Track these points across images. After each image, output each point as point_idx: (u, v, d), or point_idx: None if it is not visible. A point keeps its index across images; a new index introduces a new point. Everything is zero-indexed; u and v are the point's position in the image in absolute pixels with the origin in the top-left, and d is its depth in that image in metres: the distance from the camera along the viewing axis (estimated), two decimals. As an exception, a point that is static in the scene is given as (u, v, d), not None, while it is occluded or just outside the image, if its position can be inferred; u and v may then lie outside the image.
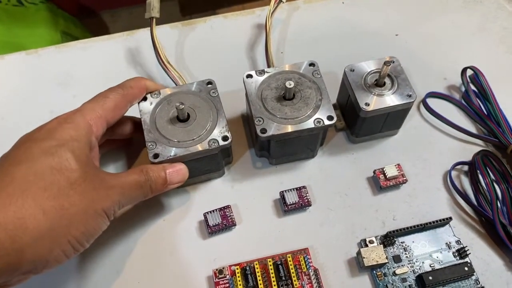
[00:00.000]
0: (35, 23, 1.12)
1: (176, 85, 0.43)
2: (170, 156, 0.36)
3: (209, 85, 0.40)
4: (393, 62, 0.41)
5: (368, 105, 0.39)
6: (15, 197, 0.27)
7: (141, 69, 0.50)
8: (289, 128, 0.37)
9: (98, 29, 1.36)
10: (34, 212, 0.27)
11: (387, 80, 0.40)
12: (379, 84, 0.40)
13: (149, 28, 0.47)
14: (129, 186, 0.33)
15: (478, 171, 0.41)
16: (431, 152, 0.44)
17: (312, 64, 0.41)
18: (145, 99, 0.40)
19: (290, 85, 0.37)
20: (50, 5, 1.19)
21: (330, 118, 0.38)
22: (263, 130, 0.37)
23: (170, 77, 0.44)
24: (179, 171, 0.37)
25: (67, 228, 0.29)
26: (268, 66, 0.44)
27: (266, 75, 0.40)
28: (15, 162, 0.29)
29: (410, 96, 0.39)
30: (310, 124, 0.37)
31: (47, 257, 0.28)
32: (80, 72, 0.49)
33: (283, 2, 0.47)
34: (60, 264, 0.29)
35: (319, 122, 0.37)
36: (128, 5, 1.39)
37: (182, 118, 0.38)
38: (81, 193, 0.30)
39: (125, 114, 0.38)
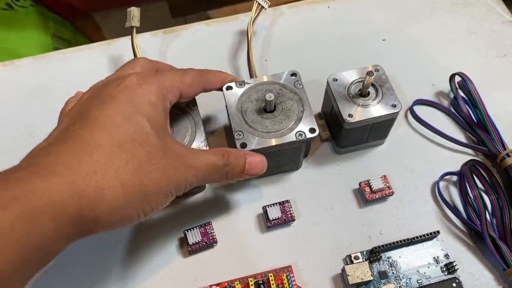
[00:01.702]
0: (25, 26, 1.10)
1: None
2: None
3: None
4: (377, 70, 0.40)
5: (352, 116, 0.38)
6: (99, 166, 0.27)
7: (121, 79, 0.48)
8: (270, 142, 0.36)
9: (91, 30, 1.35)
10: (114, 185, 0.27)
11: (371, 90, 0.39)
12: (362, 94, 0.39)
13: (129, 36, 0.46)
14: (205, 168, 0.32)
15: (466, 182, 0.39)
16: (419, 162, 0.42)
17: (293, 74, 0.39)
18: None
19: (270, 97, 0.36)
20: (40, 8, 1.18)
21: (312, 130, 0.36)
22: (243, 145, 0.36)
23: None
24: (259, 163, 0.35)
25: (141, 203, 0.29)
26: (251, 76, 0.43)
27: (246, 87, 0.39)
28: (99, 127, 0.28)
29: (395, 106, 0.38)
30: (291, 137, 0.36)
31: (117, 225, 0.29)
32: (58, 84, 0.48)
33: (265, 9, 0.45)
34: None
35: (300, 135, 0.36)
36: (120, 6, 1.38)
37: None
38: (161, 170, 0.29)
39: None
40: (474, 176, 0.40)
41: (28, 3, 1.16)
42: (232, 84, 0.39)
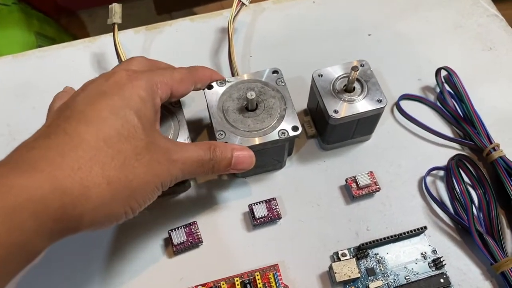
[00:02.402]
0: (7, 24, 1.09)
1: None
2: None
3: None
4: (362, 65, 0.39)
5: (337, 112, 0.37)
6: (83, 162, 0.26)
7: (104, 77, 0.47)
8: (253, 141, 0.35)
9: (76, 28, 1.33)
10: (99, 181, 0.26)
11: (356, 85, 0.39)
12: (348, 89, 0.38)
13: (111, 33, 0.45)
14: (191, 162, 0.32)
15: (453, 177, 0.39)
16: (406, 157, 0.42)
17: (275, 72, 0.39)
18: None
19: (251, 96, 0.35)
20: (23, 5, 1.16)
21: (295, 128, 0.36)
22: (226, 144, 0.35)
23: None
24: (246, 158, 0.35)
25: (127, 198, 0.28)
26: (232, 75, 0.42)
27: (227, 85, 0.38)
28: (85, 120, 0.28)
29: (380, 101, 0.38)
30: (274, 136, 0.35)
31: (103, 223, 0.28)
32: (39, 82, 0.47)
33: (246, 5, 0.45)
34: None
35: (283, 133, 0.36)
36: (106, 4, 1.36)
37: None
38: (146, 165, 0.29)
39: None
40: (461, 171, 0.40)
41: (11, 1, 1.15)
42: (213, 83, 0.38)
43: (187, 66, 0.40)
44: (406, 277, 0.36)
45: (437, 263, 0.37)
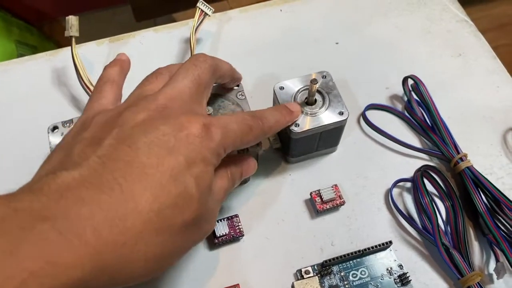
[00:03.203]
0: (-14, 33, 1.07)
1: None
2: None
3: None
4: (324, 77, 0.38)
5: (298, 125, 0.36)
6: (130, 236, 0.23)
7: (66, 90, 0.46)
8: (209, 158, 0.34)
9: (59, 35, 1.32)
10: (138, 259, 0.24)
11: (318, 98, 0.38)
12: (309, 102, 0.37)
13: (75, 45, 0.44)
14: (223, 200, 0.31)
15: (418, 190, 0.38)
16: (372, 169, 0.41)
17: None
18: (55, 128, 0.36)
19: (209, 111, 0.34)
20: (3, 13, 1.14)
21: (256, 144, 0.35)
22: (181, 162, 0.34)
23: (93, 101, 0.41)
24: (252, 165, 0.35)
25: (155, 272, 0.26)
26: (194, 86, 0.41)
27: (184, 100, 0.37)
28: (145, 180, 0.24)
29: (342, 113, 0.37)
30: (233, 152, 0.34)
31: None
32: (1, 97, 0.46)
33: (209, 16, 0.44)
34: None
35: (243, 149, 0.34)
36: (89, 10, 1.35)
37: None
38: (188, 236, 0.27)
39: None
40: (428, 182, 0.39)
41: (-10, 10, 1.13)
42: None
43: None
44: (371, 294, 0.35)
45: (403, 279, 0.36)
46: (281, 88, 0.38)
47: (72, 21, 0.42)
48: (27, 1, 1.27)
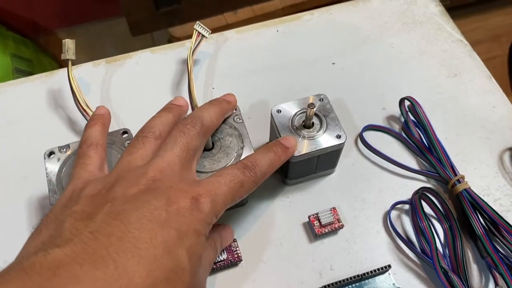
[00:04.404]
0: (-19, 47, 1.07)
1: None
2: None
3: (125, 135, 0.37)
4: (321, 100, 0.38)
5: (296, 149, 0.36)
6: None
7: (62, 112, 0.46)
8: (207, 184, 0.34)
9: (54, 48, 1.32)
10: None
11: (315, 121, 0.38)
12: (306, 126, 0.37)
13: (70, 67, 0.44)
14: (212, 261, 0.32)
15: (416, 213, 0.38)
16: (370, 191, 0.41)
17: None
18: (51, 154, 0.36)
19: (206, 136, 0.34)
20: (-2, 27, 1.15)
21: (251, 169, 0.35)
22: (179, 188, 0.34)
23: (90, 124, 0.41)
24: (229, 234, 0.36)
25: None
26: (192, 109, 0.41)
27: (181, 125, 0.37)
28: (138, 255, 0.24)
29: (340, 137, 0.37)
30: (230, 177, 0.34)
31: None
32: (-4, 118, 0.45)
33: (206, 37, 0.44)
34: None
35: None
36: (84, 22, 1.35)
37: (92, 177, 0.35)
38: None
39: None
40: (426, 204, 0.39)
41: (-15, 24, 1.13)
42: None
43: (138, 104, 0.39)
44: (371, 320, 0.35)
45: (402, 303, 0.36)
46: (278, 111, 0.38)
47: (69, 44, 0.42)
48: (23, 13, 1.27)
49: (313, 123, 0.38)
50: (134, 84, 0.47)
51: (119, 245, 0.24)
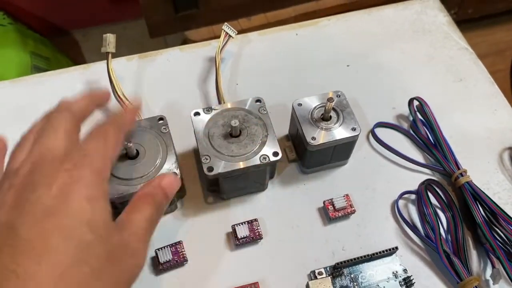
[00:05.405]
0: (3, 44, 1.12)
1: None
2: (116, 195, 0.36)
3: (160, 121, 0.41)
4: (339, 96, 0.42)
5: (315, 139, 0.40)
6: None
7: (97, 102, 0.50)
8: (236, 166, 0.38)
9: (70, 48, 1.36)
10: None
11: (332, 114, 0.41)
12: (325, 118, 0.41)
13: (105, 61, 0.48)
14: (149, 232, 0.30)
15: (422, 201, 0.42)
16: (380, 182, 0.45)
17: (258, 100, 0.42)
18: None
19: (235, 123, 0.38)
20: (19, 26, 1.19)
21: (275, 154, 0.39)
22: (210, 168, 0.38)
23: (126, 112, 0.45)
24: (173, 182, 0.33)
25: None
26: (219, 102, 0.45)
27: (213, 113, 0.41)
28: (35, 255, 0.24)
29: (354, 129, 0.41)
30: (256, 160, 0.38)
31: None
32: (35, 108, 0.49)
33: (232, 38, 0.48)
34: None
35: (265, 158, 0.38)
36: (99, 24, 1.40)
37: (131, 156, 0.38)
38: (113, 277, 0.26)
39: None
40: (431, 195, 0.43)
41: (7, 22, 1.18)
42: (200, 110, 0.41)
43: (168, 97, 0.42)
44: (378, 295, 0.39)
45: (407, 282, 0.39)
46: (299, 104, 0.42)
47: (110, 38, 0.46)
48: (41, 14, 1.32)
49: (330, 116, 0.41)
50: (164, 78, 0.51)
51: (14, 257, 0.24)
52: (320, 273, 0.39)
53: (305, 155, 0.42)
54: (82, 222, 0.26)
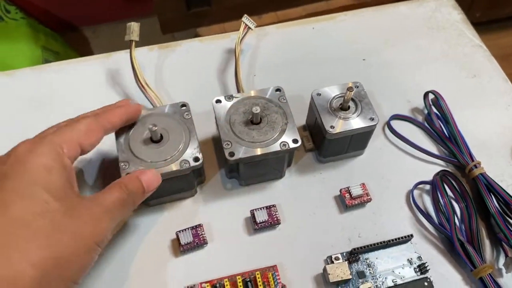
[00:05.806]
0: (15, 38, 1.13)
1: (153, 106, 0.45)
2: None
3: (183, 108, 0.42)
4: (357, 87, 0.43)
5: (333, 127, 0.41)
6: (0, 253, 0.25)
7: (120, 89, 0.51)
8: (256, 152, 0.39)
9: (79, 44, 1.38)
10: (23, 268, 0.26)
11: (351, 104, 0.42)
12: (343, 108, 0.42)
13: (126, 50, 0.49)
14: (114, 207, 0.32)
15: (437, 191, 0.43)
16: (395, 172, 0.46)
17: (278, 90, 0.43)
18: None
19: (256, 110, 0.39)
20: (31, 20, 1.20)
21: (295, 141, 0.40)
22: (231, 154, 0.39)
23: (148, 98, 0.46)
24: (154, 178, 0.36)
25: (62, 272, 0.28)
26: (238, 91, 0.46)
27: (234, 100, 0.42)
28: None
29: (372, 119, 0.42)
30: (276, 147, 0.39)
31: None
32: (56, 95, 0.50)
33: (251, 29, 0.49)
34: None
35: (284, 145, 0.39)
36: (109, 21, 1.41)
37: (155, 139, 0.40)
38: (71, 233, 0.28)
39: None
40: (445, 185, 0.44)
41: (19, 16, 1.19)
42: (221, 98, 0.42)
43: (188, 85, 0.43)
44: (394, 280, 0.40)
45: (421, 268, 0.40)
46: (318, 94, 0.43)
47: (134, 27, 0.47)
48: (52, 10, 1.33)
49: (349, 106, 0.42)
50: (184, 68, 0.53)
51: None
52: (336, 258, 0.40)
53: (323, 144, 0.43)
54: (37, 183, 0.29)
